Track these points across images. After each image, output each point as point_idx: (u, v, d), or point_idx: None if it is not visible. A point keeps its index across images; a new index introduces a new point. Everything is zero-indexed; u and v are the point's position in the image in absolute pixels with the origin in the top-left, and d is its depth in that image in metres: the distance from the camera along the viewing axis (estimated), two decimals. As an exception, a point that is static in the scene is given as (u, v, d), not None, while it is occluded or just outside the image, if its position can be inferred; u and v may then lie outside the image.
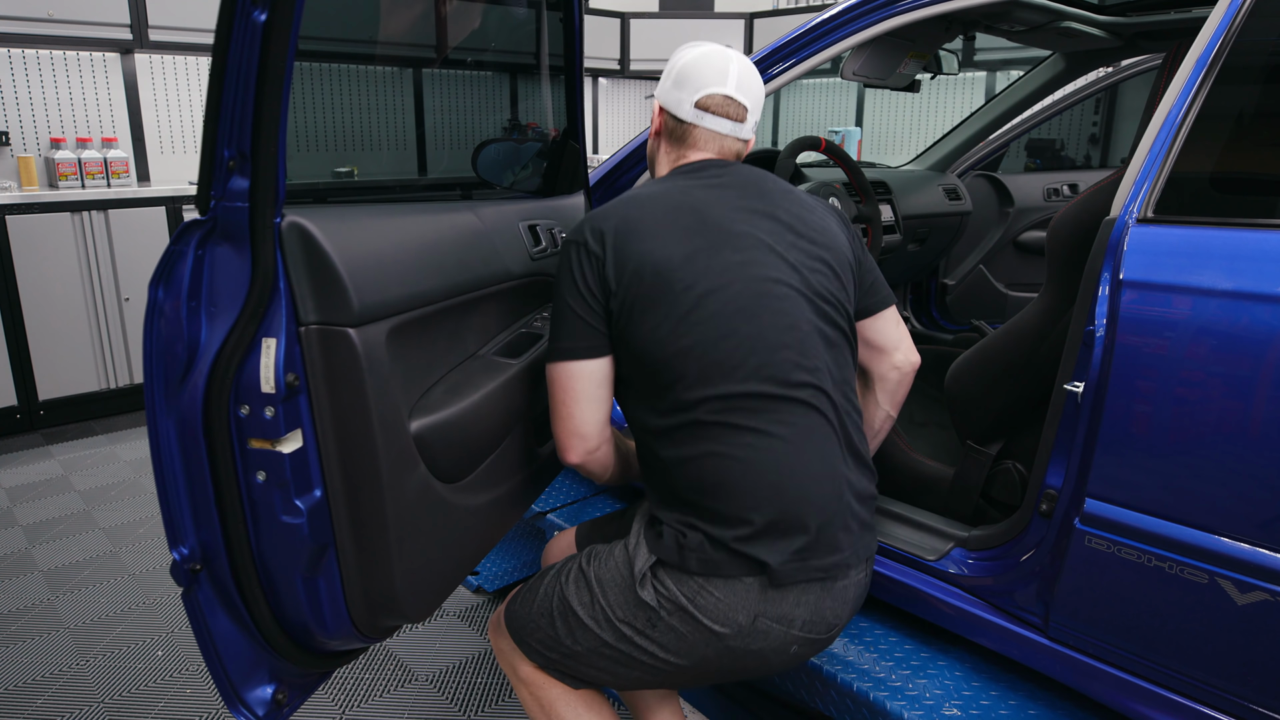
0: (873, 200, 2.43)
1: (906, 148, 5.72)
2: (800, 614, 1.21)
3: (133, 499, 3.14)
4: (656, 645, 1.22)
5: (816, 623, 1.23)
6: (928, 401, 2.13)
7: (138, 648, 2.23)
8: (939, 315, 3.28)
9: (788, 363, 1.22)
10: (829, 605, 1.24)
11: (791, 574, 1.18)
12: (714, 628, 1.19)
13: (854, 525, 1.25)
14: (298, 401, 1.09)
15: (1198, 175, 1.21)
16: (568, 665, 1.31)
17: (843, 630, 1.40)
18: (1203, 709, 1.19)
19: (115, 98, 4.24)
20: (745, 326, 1.22)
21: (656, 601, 1.21)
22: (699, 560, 1.19)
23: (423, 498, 1.21)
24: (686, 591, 1.19)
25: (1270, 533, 1.09)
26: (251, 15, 0.97)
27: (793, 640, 1.23)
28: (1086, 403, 1.24)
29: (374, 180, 4.65)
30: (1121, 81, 3.14)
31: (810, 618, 1.22)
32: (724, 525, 1.19)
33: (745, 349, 1.21)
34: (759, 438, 1.20)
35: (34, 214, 3.62)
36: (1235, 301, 1.10)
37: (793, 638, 1.22)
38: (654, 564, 1.23)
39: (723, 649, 1.20)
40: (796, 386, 1.22)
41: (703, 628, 1.19)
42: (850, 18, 1.77)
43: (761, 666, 1.25)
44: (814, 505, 1.20)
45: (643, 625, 1.22)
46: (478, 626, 2.32)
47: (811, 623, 1.23)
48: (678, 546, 1.21)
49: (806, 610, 1.22)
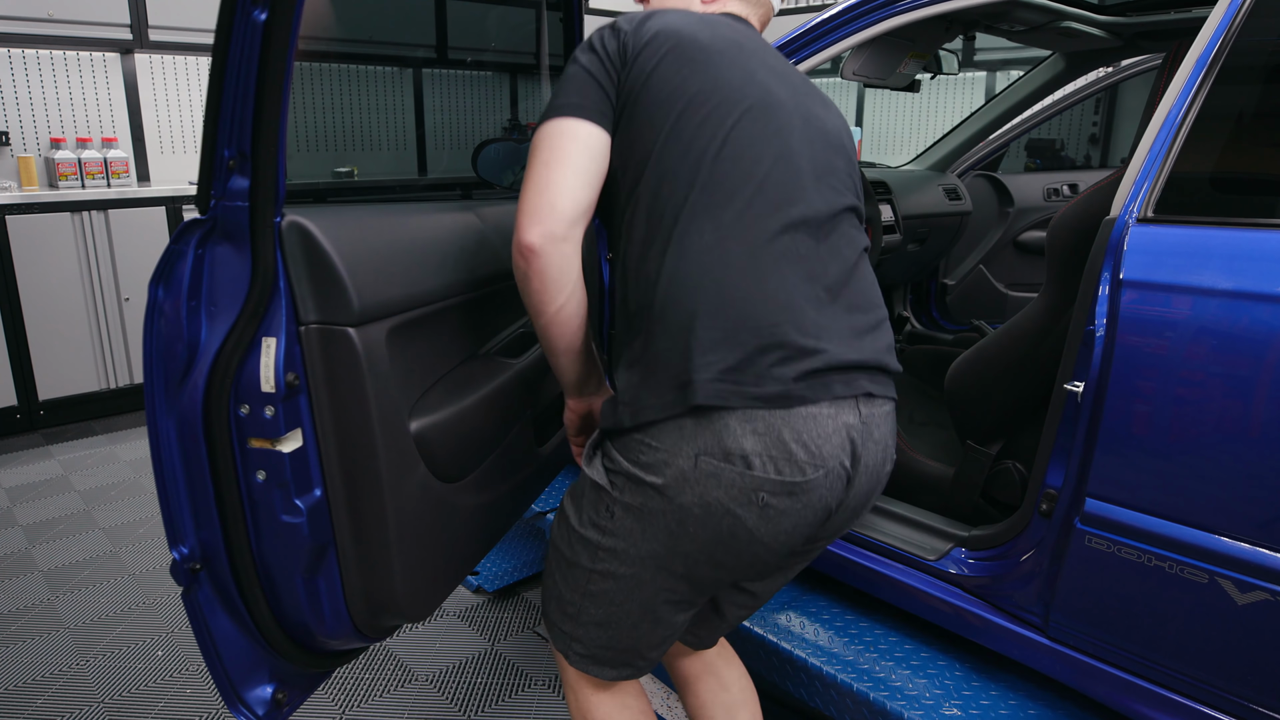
0: (873, 200, 2.43)
1: (906, 148, 5.72)
2: (751, 446, 1.00)
3: (133, 499, 3.14)
4: (621, 540, 1.08)
5: (781, 460, 1.01)
6: (928, 401, 2.13)
7: (138, 648, 2.23)
8: (939, 315, 3.28)
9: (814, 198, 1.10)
10: (803, 435, 1.01)
11: (720, 395, 0.99)
12: (654, 481, 1.03)
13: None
14: (298, 401, 1.09)
15: (1197, 175, 1.21)
16: (581, 636, 1.18)
17: (859, 508, 1.13)
18: (1203, 709, 1.19)
19: (115, 98, 4.24)
20: (781, 154, 1.09)
21: (606, 479, 1.09)
22: (632, 412, 1.05)
23: (423, 497, 1.21)
24: (629, 455, 1.06)
25: (1270, 533, 1.09)
26: (251, 15, 0.97)
27: (757, 486, 1.01)
28: (1086, 402, 1.24)
29: (374, 180, 4.65)
30: (1121, 81, 3.14)
31: (768, 452, 1.00)
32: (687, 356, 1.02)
33: (773, 176, 1.08)
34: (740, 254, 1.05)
35: (34, 214, 3.62)
36: (1235, 301, 1.10)
37: (754, 482, 1.00)
38: (600, 441, 1.13)
39: (682, 518, 1.03)
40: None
41: (648, 490, 1.04)
42: (850, 18, 1.77)
43: (746, 541, 1.04)
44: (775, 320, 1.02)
45: (603, 520, 1.10)
46: (478, 626, 2.32)
47: (773, 459, 1.00)
48: (623, 404, 1.07)
49: (759, 442, 1.00)
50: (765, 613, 1.69)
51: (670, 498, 1.04)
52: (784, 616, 1.68)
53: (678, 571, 1.10)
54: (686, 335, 1.02)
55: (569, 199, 1.05)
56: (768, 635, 1.61)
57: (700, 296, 1.03)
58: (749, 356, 1.00)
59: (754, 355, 1.01)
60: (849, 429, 1.04)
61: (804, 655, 1.54)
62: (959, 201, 3.00)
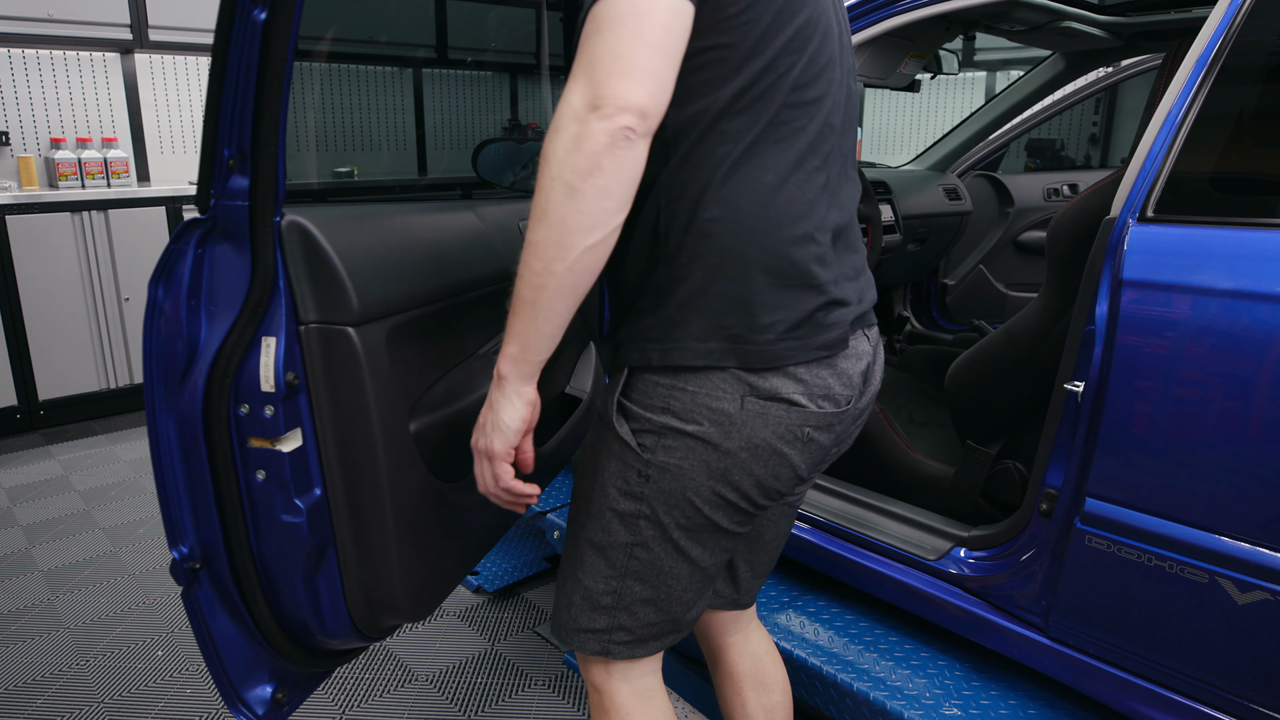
0: (873, 200, 2.43)
1: (906, 148, 5.72)
2: (798, 388, 0.99)
3: (133, 499, 3.14)
4: (659, 503, 1.02)
5: (822, 396, 1.01)
6: (928, 401, 2.13)
7: (138, 648, 2.23)
8: (939, 315, 3.28)
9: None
10: (841, 370, 1.03)
11: (781, 355, 0.97)
12: (693, 430, 0.97)
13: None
14: (297, 400, 1.09)
15: (1197, 175, 1.21)
16: (626, 623, 1.10)
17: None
18: (1203, 708, 1.19)
19: (115, 98, 4.24)
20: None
21: (634, 439, 1.00)
22: (662, 351, 0.97)
23: (422, 497, 1.21)
24: (658, 402, 0.98)
25: (1270, 532, 1.09)
26: (251, 15, 0.97)
27: (804, 421, 1.00)
28: (1086, 402, 1.24)
29: (374, 180, 4.66)
30: (1121, 81, 3.14)
31: (813, 390, 1.00)
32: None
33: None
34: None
35: (34, 214, 3.62)
36: (1235, 301, 1.10)
37: (801, 417, 0.99)
38: (614, 394, 1.02)
39: (727, 465, 0.99)
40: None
41: (688, 440, 0.98)
42: (850, 17, 1.77)
43: (787, 478, 1.04)
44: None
45: (636, 486, 1.02)
46: (478, 626, 2.32)
47: (817, 396, 1.01)
48: (651, 340, 0.99)
49: (806, 384, 0.99)
50: (766, 613, 1.69)
51: (715, 444, 0.98)
52: (784, 616, 1.68)
53: (718, 511, 1.04)
54: (745, 288, 0.94)
55: (654, 84, 0.84)
56: (768, 635, 1.61)
57: (763, 246, 0.95)
58: (808, 313, 0.98)
59: (812, 312, 0.98)
60: (864, 356, 1.08)
61: (804, 655, 1.54)
62: (959, 201, 3.00)
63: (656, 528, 1.04)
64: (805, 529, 1.74)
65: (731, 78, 0.92)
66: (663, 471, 1.00)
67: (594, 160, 0.83)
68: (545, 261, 0.87)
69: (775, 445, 1.00)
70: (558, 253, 0.86)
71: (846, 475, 1.83)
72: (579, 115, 0.83)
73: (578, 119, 0.83)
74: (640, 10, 0.83)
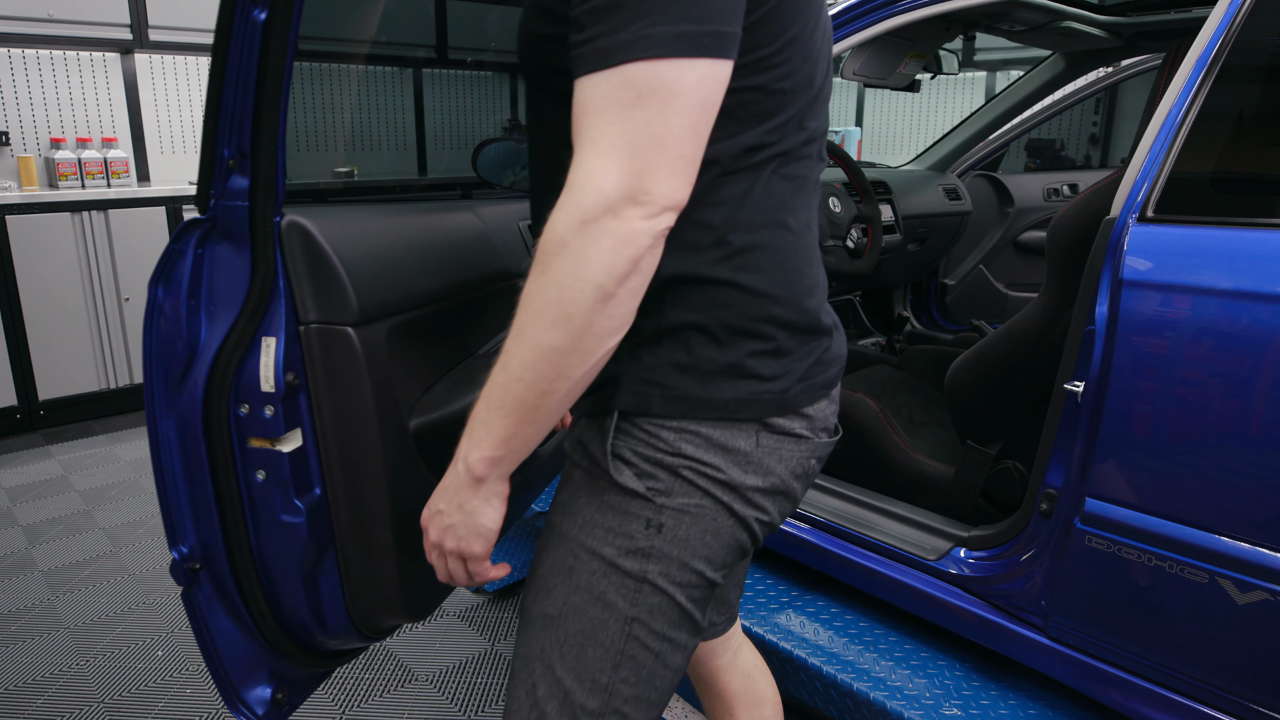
0: (873, 200, 2.43)
1: (906, 148, 5.72)
2: (805, 422, 0.93)
3: (133, 499, 3.14)
4: (671, 562, 0.88)
5: (823, 427, 0.97)
6: (928, 401, 2.13)
7: (138, 648, 2.23)
8: (939, 315, 3.28)
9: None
10: (834, 397, 1.00)
11: (797, 402, 0.91)
12: (712, 471, 0.87)
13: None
14: (297, 400, 1.09)
15: (1197, 175, 1.21)
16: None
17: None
18: (1203, 708, 1.19)
19: (115, 98, 4.24)
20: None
21: (643, 485, 0.87)
22: (665, 402, 0.87)
23: (423, 497, 1.21)
24: (663, 445, 0.86)
25: (1270, 532, 1.09)
26: (251, 14, 0.97)
27: (811, 453, 0.94)
28: (1086, 402, 1.24)
29: (374, 180, 4.65)
30: (1121, 81, 3.14)
31: (816, 423, 0.95)
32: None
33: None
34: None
35: (34, 214, 3.62)
36: (1235, 301, 1.10)
37: (809, 449, 0.94)
38: (610, 437, 0.88)
39: (744, 506, 0.90)
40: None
41: (708, 482, 0.87)
42: (850, 18, 1.77)
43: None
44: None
45: (645, 541, 0.88)
46: (478, 626, 2.32)
47: (818, 428, 0.96)
48: (652, 385, 0.87)
49: (813, 417, 0.94)
50: (765, 613, 1.69)
51: (735, 484, 0.88)
52: (784, 616, 1.68)
53: (731, 553, 0.93)
54: (758, 329, 0.86)
55: (689, 169, 0.73)
56: (767, 635, 1.61)
57: (779, 281, 0.86)
58: (819, 357, 0.93)
59: (821, 354, 0.93)
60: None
61: (804, 655, 1.54)
62: (959, 201, 3.00)
63: (661, 593, 0.89)
64: (805, 529, 1.74)
65: (754, 85, 0.83)
66: (679, 518, 0.87)
67: (635, 264, 0.71)
68: (561, 369, 0.75)
69: (787, 480, 0.93)
70: (578, 360, 0.75)
71: (846, 475, 1.83)
72: (615, 207, 0.70)
73: (613, 211, 0.70)
74: (690, 87, 0.71)
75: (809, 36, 0.85)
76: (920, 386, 2.18)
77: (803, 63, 0.85)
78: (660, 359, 0.86)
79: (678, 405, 0.86)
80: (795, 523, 1.75)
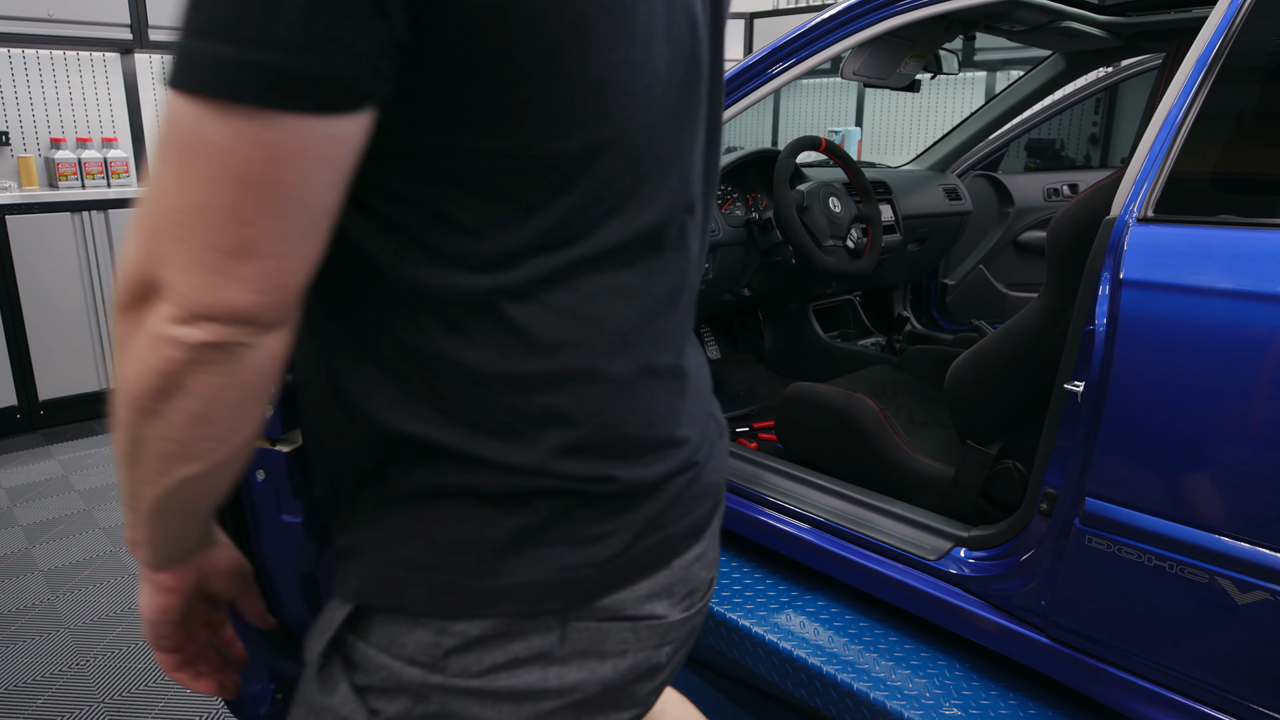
0: (873, 200, 2.43)
1: (906, 148, 5.73)
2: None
3: (133, 499, 3.14)
4: None
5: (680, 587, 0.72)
6: (928, 401, 2.13)
7: (138, 648, 2.23)
8: (939, 315, 3.28)
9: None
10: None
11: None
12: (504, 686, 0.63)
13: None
14: (297, 400, 1.09)
15: (1198, 175, 1.21)
16: None
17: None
18: (1203, 709, 1.19)
19: (115, 98, 4.24)
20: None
21: (361, 704, 0.65)
22: (435, 596, 0.65)
23: (422, 497, 1.21)
24: (419, 652, 0.64)
25: (1270, 532, 1.09)
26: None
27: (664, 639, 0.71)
28: (1086, 402, 1.24)
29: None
30: (1121, 81, 3.14)
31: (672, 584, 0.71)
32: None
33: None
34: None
35: (34, 214, 3.63)
36: (1235, 301, 1.10)
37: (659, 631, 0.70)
38: (339, 630, 0.68)
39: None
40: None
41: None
42: (850, 18, 1.77)
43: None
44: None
45: None
46: (478, 626, 2.32)
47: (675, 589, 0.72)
48: (411, 569, 0.66)
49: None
50: (765, 613, 1.69)
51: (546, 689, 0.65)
52: (784, 616, 1.68)
53: None
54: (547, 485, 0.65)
55: (303, 260, 0.53)
56: (767, 635, 1.61)
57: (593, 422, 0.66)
58: (677, 494, 0.72)
59: (679, 490, 0.73)
60: None
61: (804, 655, 1.54)
62: (959, 201, 3.00)
63: None
64: (805, 529, 1.74)
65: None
66: None
67: (169, 380, 0.51)
68: (134, 485, 0.58)
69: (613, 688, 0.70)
70: (205, 449, 0.55)
71: (846, 475, 1.83)
72: (139, 294, 0.51)
73: (140, 300, 0.51)
74: (227, 150, 0.50)
75: (621, 45, 0.57)
76: (920, 386, 2.18)
77: (603, 101, 0.57)
78: (424, 539, 0.63)
79: (443, 606, 0.62)
80: (795, 523, 1.75)
